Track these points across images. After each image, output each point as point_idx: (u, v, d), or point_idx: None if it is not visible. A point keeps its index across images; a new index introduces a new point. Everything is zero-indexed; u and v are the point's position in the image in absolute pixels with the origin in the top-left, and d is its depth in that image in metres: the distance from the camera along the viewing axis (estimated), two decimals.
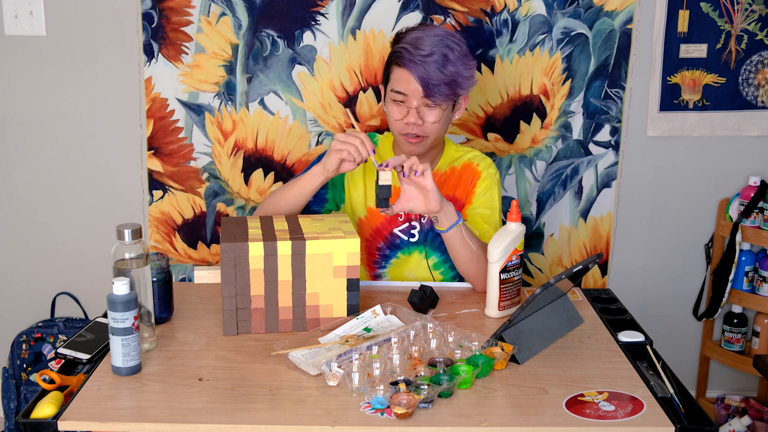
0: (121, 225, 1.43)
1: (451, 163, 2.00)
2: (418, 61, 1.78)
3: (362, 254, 2.03)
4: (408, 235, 1.99)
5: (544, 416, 1.29)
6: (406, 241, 2.00)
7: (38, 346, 2.54)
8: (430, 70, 1.77)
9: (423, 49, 1.79)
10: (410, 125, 1.84)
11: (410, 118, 1.83)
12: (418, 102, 1.82)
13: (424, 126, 1.84)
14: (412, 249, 2.00)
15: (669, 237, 2.69)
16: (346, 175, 2.00)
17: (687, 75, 2.54)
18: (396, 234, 2.00)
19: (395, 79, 1.85)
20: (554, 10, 2.44)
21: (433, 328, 1.53)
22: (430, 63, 1.77)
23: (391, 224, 1.99)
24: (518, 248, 1.67)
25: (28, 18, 2.45)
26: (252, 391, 1.35)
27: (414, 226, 1.99)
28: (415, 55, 1.78)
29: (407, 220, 1.99)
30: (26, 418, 1.27)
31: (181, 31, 2.43)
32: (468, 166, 1.99)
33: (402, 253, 2.01)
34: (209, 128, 2.51)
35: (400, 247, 2.00)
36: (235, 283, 1.55)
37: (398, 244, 2.00)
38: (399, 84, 1.83)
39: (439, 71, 1.78)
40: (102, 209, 2.61)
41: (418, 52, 1.79)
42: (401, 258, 2.01)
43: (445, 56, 1.79)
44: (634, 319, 1.70)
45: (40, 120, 2.54)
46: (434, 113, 1.84)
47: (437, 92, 1.79)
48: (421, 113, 1.83)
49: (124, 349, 1.38)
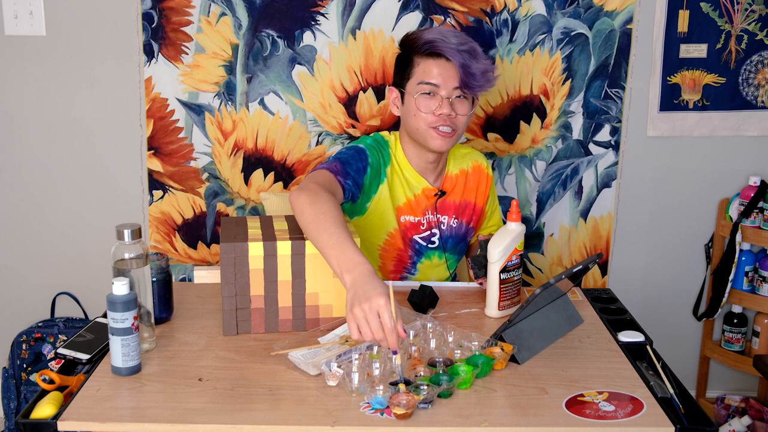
0: (120, 225, 1.43)
1: (459, 165, 2.01)
2: (454, 48, 1.79)
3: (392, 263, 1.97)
4: (428, 242, 1.99)
5: (544, 416, 1.28)
6: (426, 246, 1.99)
7: (38, 346, 2.54)
8: (466, 58, 1.79)
9: (451, 39, 1.80)
10: (443, 116, 1.82)
11: (443, 109, 1.81)
12: (450, 93, 1.82)
13: (455, 119, 1.83)
14: (431, 253, 2.00)
15: (669, 237, 2.69)
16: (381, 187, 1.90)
17: (687, 75, 2.54)
18: (416, 240, 1.98)
19: (424, 71, 1.83)
20: (554, 10, 2.44)
21: (432, 328, 1.53)
22: (464, 53, 1.79)
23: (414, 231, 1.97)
24: (518, 248, 1.67)
25: (28, 18, 2.45)
26: (252, 391, 1.35)
27: (434, 233, 1.99)
28: (448, 43, 1.79)
29: (428, 228, 1.98)
30: (26, 418, 1.27)
31: (181, 31, 2.43)
32: (478, 169, 2.03)
33: (425, 257, 2.00)
34: (209, 128, 2.51)
35: (422, 253, 1.99)
36: (234, 283, 1.55)
37: (419, 249, 1.99)
38: (430, 75, 1.82)
39: (473, 60, 1.80)
40: (102, 209, 2.61)
41: (451, 41, 1.80)
42: (425, 263, 2.01)
43: (474, 49, 1.83)
44: (634, 319, 1.70)
45: (40, 120, 2.54)
46: (465, 105, 1.85)
47: (473, 82, 1.81)
48: (453, 104, 1.83)
49: (123, 349, 1.38)
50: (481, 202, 2.04)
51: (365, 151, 1.87)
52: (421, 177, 1.95)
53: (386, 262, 1.98)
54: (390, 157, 1.93)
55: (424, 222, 1.96)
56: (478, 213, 2.04)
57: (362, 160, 1.86)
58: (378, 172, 1.89)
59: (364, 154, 1.87)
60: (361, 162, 1.85)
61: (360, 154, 1.86)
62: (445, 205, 1.97)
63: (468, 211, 2.02)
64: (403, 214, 1.94)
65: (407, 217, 1.94)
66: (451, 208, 1.99)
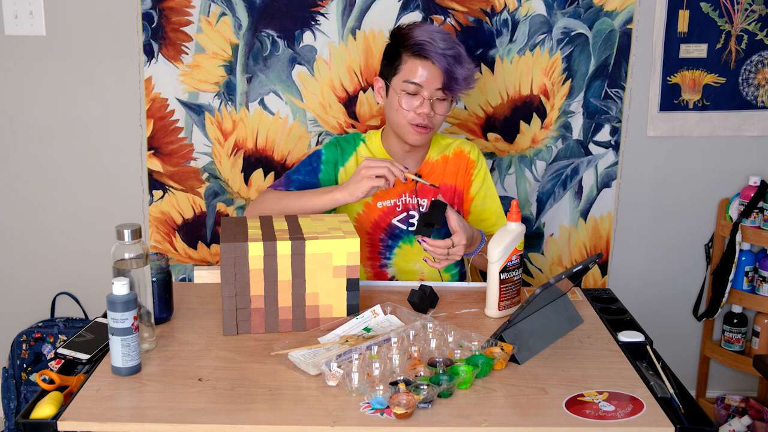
0: (120, 225, 1.43)
1: (441, 152, 2.06)
2: (440, 53, 1.86)
3: (366, 249, 2.06)
4: (407, 224, 2.04)
5: (544, 416, 1.29)
6: (405, 230, 2.04)
7: (38, 346, 2.54)
8: (450, 62, 1.86)
9: (439, 43, 1.87)
10: (422, 115, 1.90)
11: (424, 108, 1.89)
12: (431, 93, 1.89)
13: (433, 117, 1.92)
14: (412, 237, 2.04)
15: (669, 237, 2.69)
16: (340, 171, 2.03)
17: (687, 75, 2.54)
18: (395, 224, 2.03)
19: (410, 70, 1.90)
20: (554, 10, 2.44)
21: (432, 328, 1.53)
22: (450, 57, 1.87)
23: (389, 215, 2.03)
24: (518, 248, 1.67)
25: (28, 18, 2.45)
26: (252, 391, 1.35)
27: (412, 215, 2.03)
28: (436, 47, 1.86)
29: (405, 210, 2.03)
30: (26, 418, 1.27)
31: (181, 31, 2.43)
32: (460, 154, 2.07)
33: (403, 242, 2.05)
34: (209, 128, 2.51)
35: (400, 237, 2.05)
36: (234, 283, 1.55)
37: (398, 233, 2.04)
38: (414, 75, 1.89)
39: (458, 65, 1.88)
40: (102, 209, 2.61)
41: (439, 45, 1.87)
42: (404, 248, 2.05)
43: (461, 54, 1.90)
44: (634, 319, 1.70)
45: (40, 120, 2.54)
46: (444, 106, 1.93)
47: (455, 86, 1.89)
48: (433, 105, 1.90)
49: (123, 349, 1.38)
50: (463, 185, 2.06)
51: (319, 152, 2.04)
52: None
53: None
54: (354, 148, 2.04)
55: (400, 204, 2.02)
56: (460, 195, 2.07)
57: (315, 162, 2.02)
58: (336, 165, 2.03)
59: (317, 156, 2.03)
60: (312, 163, 2.02)
61: (311, 158, 2.03)
62: (424, 188, 2.02)
63: (448, 193, 2.05)
64: (379, 200, 2.02)
65: (384, 202, 2.02)
66: (429, 191, 2.03)
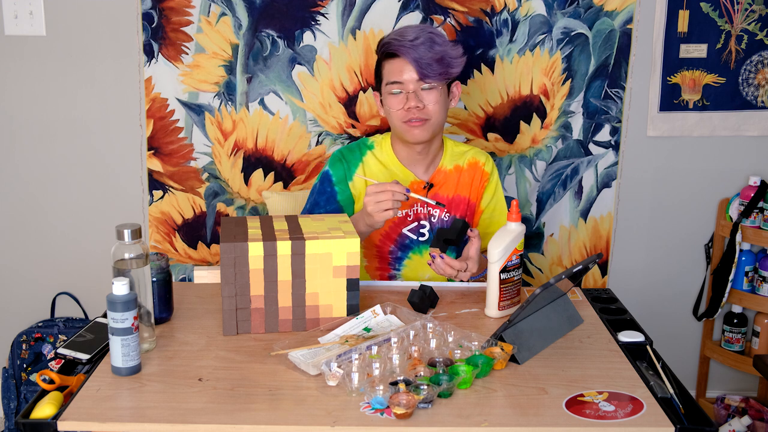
0: (120, 225, 1.43)
1: (455, 161, 2.04)
2: (408, 45, 1.87)
3: (375, 260, 2.05)
4: (417, 234, 2.02)
5: (544, 416, 1.28)
6: (416, 240, 2.02)
7: (38, 346, 2.54)
8: (420, 51, 1.87)
9: (409, 35, 1.89)
10: (411, 110, 1.90)
11: (410, 103, 1.90)
12: (415, 86, 1.90)
13: (425, 109, 1.91)
14: (423, 248, 2.03)
15: (669, 237, 2.69)
16: (350, 185, 2.00)
17: (687, 75, 2.54)
18: (405, 234, 2.02)
19: (388, 71, 1.92)
20: (554, 10, 2.44)
21: (432, 328, 1.53)
22: (419, 45, 1.87)
23: (400, 225, 2.01)
24: (518, 248, 1.67)
25: (28, 18, 2.45)
26: (252, 391, 1.35)
27: (423, 225, 2.02)
28: (403, 42, 1.88)
29: (416, 220, 2.01)
30: (26, 418, 1.27)
31: (181, 31, 2.43)
32: (474, 165, 2.05)
33: (413, 252, 2.03)
34: (209, 128, 2.51)
35: (410, 247, 2.03)
36: (234, 283, 1.55)
37: (408, 244, 2.03)
38: (393, 74, 1.91)
39: (428, 51, 1.87)
40: (102, 209, 2.61)
41: (405, 38, 1.88)
42: (413, 258, 2.04)
43: (431, 39, 1.89)
44: (634, 319, 1.70)
45: (40, 120, 2.54)
46: (432, 95, 1.92)
47: (430, 71, 1.88)
48: (419, 96, 1.90)
49: (123, 349, 1.38)
50: (476, 197, 2.06)
51: (328, 174, 2.01)
52: (409, 170, 2.01)
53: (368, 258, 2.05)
54: (360, 158, 2.01)
55: (411, 214, 2.01)
56: (473, 209, 2.06)
57: (327, 186, 2.00)
58: (345, 180, 2.00)
59: (327, 179, 2.00)
60: (326, 189, 1.99)
61: (323, 183, 2.00)
62: (436, 198, 2.01)
63: (462, 206, 2.04)
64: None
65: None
66: (442, 202, 2.01)
